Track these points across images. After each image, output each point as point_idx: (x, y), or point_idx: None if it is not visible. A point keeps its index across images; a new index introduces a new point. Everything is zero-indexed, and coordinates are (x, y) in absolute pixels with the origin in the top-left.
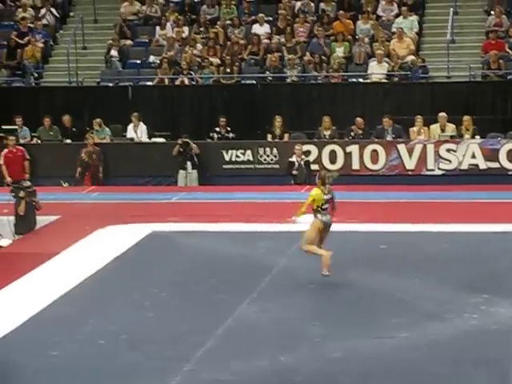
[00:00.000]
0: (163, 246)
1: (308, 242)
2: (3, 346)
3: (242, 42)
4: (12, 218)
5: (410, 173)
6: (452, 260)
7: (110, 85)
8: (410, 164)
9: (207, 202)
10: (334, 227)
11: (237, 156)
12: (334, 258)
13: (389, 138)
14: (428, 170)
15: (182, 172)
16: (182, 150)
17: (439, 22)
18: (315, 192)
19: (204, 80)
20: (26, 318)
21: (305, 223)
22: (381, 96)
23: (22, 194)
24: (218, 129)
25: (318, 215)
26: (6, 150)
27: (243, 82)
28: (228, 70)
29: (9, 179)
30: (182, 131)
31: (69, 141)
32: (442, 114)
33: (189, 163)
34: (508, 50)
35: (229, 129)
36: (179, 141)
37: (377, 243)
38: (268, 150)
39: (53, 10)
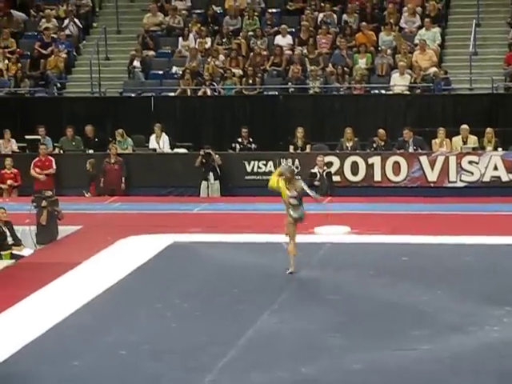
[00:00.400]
0: (185, 256)
1: (291, 238)
2: (25, 356)
3: (264, 53)
4: (34, 228)
5: (431, 185)
6: (474, 272)
7: (133, 95)
8: (432, 176)
9: (228, 213)
10: (356, 239)
11: (259, 167)
12: (357, 270)
13: (410, 149)
14: (450, 182)
15: (204, 183)
16: (204, 161)
17: (462, 34)
18: (281, 184)
19: (226, 91)
20: (47, 327)
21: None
22: (403, 108)
23: (44, 203)
24: (240, 139)
25: (289, 211)
26: (36, 159)
27: (265, 93)
28: (250, 81)
29: (41, 177)
30: (204, 142)
31: (91, 151)
32: (464, 126)
33: (211, 174)
34: None
35: (251, 140)
36: (201, 152)
37: (398, 255)
38: (290, 161)
39: (76, 20)
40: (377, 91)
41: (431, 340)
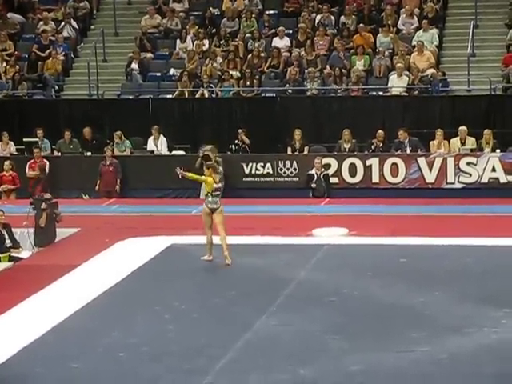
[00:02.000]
0: (183, 258)
1: (205, 225)
2: (24, 358)
3: (262, 55)
4: (32, 231)
5: (430, 186)
6: (472, 274)
7: (131, 97)
8: (430, 177)
9: (227, 215)
10: (354, 240)
11: (257, 169)
12: (355, 272)
13: (407, 150)
14: (448, 183)
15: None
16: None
17: (459, 36)
18: (209, 180)
19: (224, 93)
20: (46, 330)
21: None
22: (401, 109)
23: (43, 205)
24: (236, 141)
25: (207, 200)
26: (31, 161)
27: (263, 95)
28: (248, 83)
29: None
30: (202, 144)
31: (89, 153)
32: (462, 128)
33: None
34: None
35: (248, 142)
36: (200, 153)
37: (397, 256)
38: (288, 162)
39: (74, 22)
40: (374, 93)
41: (429, 341)
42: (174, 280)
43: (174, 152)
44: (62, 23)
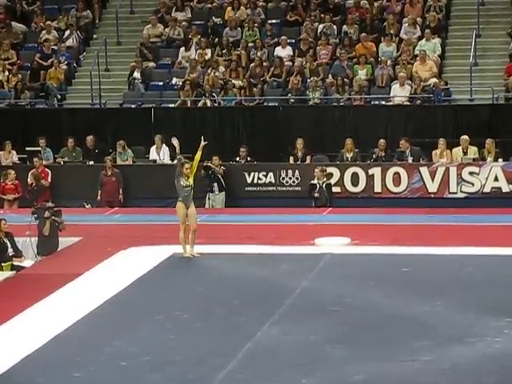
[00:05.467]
0: (185, 267)
1: (181, 221)
2: (26, 367)
3: (264, 64)
4: (34, 239)
5: (432, 195)
6: (475, 283)
7: (133, 107)
8: (433, 187)
9: (229, 224)
10: (357, 250)
11: (259, 178)
12: (357, 281)
13: (409, 160)
14: (450, 192)
15: (209, 195)
16: (209, 172)
17: (462, 45)
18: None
19: (226, 102)
20: (48, 338)
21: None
22: (403, 119)
23: (46, 214)
24: (238, 158)
25: (180, 195)
26: (33, 170)
27: (265, 104)
28: (250, 93)
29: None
30: (205, 154)
31: (92, 162)
32: (465, 137)
33: (215, 185)
34: None
35: (249, 158)
36: (204, 164)
37: (399, 266)
38: (290, 172)
39: (76, 32)
40: (377, 102)
41: (432, 351)
42: (176, 289)
43: (175, 161)
44: (67, 32)
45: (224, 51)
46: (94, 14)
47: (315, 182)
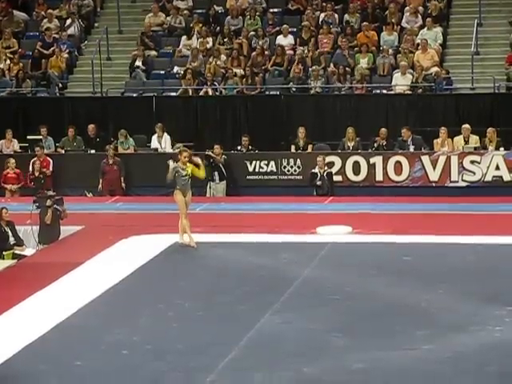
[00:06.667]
0: (186, 256)
1: (182, 211)
2: (27, 356)
3: (266, 53)
4: (36, 228)
5: (433, 184)
6: (476, 272)
7: (135, 95)
8: (434, 175)
9: (230, 213)
10: (358, 238)
11: (260, 167)
12: (358, 270)
13: (410, 149)
14: (452, 181)
15: (211, 183)
16: (211, 160)
17: (463, 34)
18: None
19: (228, 91)
20: (49, 327)
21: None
22: (405, 107)
23: (48, 202)
24: (239, 147)
25: (178, 183)
26: (35, 158)
27: (267, 93)
28: (252, 81)
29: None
30: (206, 142)
31: (93, 151)
32: (466, 126)
33: (216, 174)
34: None
35: (250, 147)
36: (206, 152)
37: (400, 255)
38: (291, 161)
39: (78, 20)
40: (378, 91)
41: (433, 340)
42: (178, 278)
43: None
44: (68, 21)
45: (225, 40)
46: (96, 2)
47: (316, 170)
